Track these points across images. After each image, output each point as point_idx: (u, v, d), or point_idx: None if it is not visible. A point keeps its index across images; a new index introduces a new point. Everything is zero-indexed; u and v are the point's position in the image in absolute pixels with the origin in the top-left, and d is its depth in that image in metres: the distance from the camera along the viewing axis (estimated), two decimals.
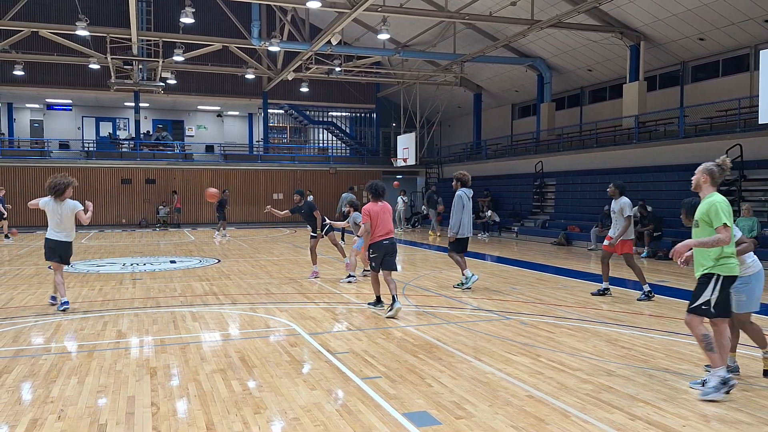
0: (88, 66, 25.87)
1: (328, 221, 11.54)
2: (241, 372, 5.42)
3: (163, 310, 8.36)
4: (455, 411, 4.43)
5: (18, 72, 25.40)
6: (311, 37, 23.61)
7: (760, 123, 14.04)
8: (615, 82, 23.37)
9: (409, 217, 28.96)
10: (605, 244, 9.49)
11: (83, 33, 20.53)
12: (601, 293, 9.35)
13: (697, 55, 20.34)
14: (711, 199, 4.77)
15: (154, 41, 24.35)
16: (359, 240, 10.16)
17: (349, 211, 11.67)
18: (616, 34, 20.12)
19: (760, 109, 13.83)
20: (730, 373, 4.72)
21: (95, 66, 25.32)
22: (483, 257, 15.53)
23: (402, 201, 26.42)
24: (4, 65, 26.77)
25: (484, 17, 20.31)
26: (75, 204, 8.13)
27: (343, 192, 21.80)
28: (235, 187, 29.53)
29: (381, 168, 32.38)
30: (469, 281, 10.00)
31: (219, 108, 34.37)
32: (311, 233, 11.54)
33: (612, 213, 9.38)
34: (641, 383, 5.00)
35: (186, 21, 19.74)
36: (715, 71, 20.09)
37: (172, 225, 27.88)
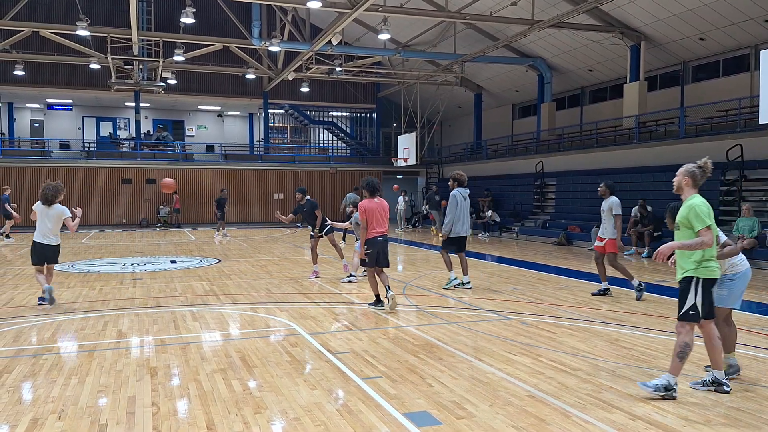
0: (88, 66, 25.87)
1: (329, 222, 11.52)
2: (242, 372, 5.42)
3: (164, 309, 8.36)
4: (456, 411, 4.43)
5: (18, 72, 25.41)
6: (312, 37, 23.63)
7: (760, 123, 14.05)
8: (615, 82, 23.39)
9: (410, 217, 28.96)
10: (596, 244, 9.52)
11: (84, 33, 20.54)
12: (602, 293, 9.35)
13: (698, 55, 20.35)
14: (691, 202, 4.76)
15: (154, 41, 24.35)
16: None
17: (352, 212, 11.65)
18: (616, 34, 20.14)
19: (760, 109, 13.83)
20: (675, 386, 4.67)
21: (96, 66, 25.33)
22: (483, 257, 15.56)
23: (402, 201, 26.42)
24: (4, 65, 26.78)
25: (484, 17, 20.32)
26: (63, 210, 8.43)
27: (348, 192, 21.75)
28: (236, 187, 29.56)
29: (381, 168, 32.39)
30: (450, 283, 10.13)
31: (219, 108, 34.37)
32: (311, 233, 11.52)
33: (602, 212, 9.40)
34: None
35: (186, 21, 19.75)
36: (716, 71, 20.10)
37: (172, 225, 27.88)
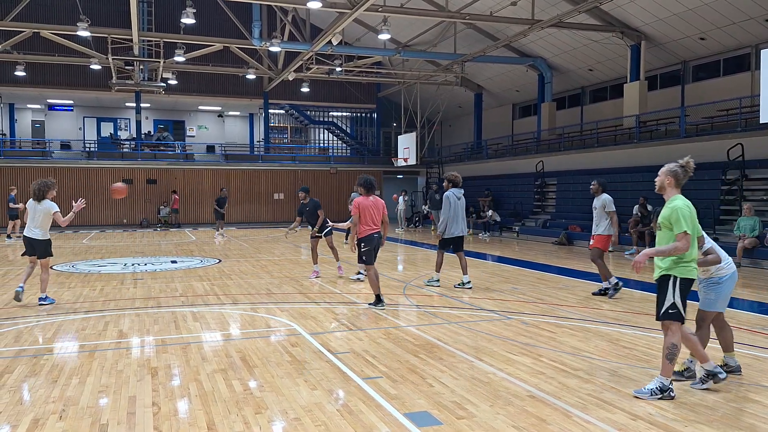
0: (89, 66, 25.89)
1: (330, 223, 11.51)
2: (242, 372, 5.42)
3: (165, 310, 8.36)
4: (456, 411, 4.43)
5: (19, 73, 25.43)
6: (312, 38, 23.64)
7: (761, 122, 14.04)
8: (616, 81, 23.38)
9: (410, 217, 28.96)
10: (592, 243, 9.52)
11: (84, 34, 20.56)
12: (602, 293, 9.35)
13: (698, 55, 20.33)
14: (673, 204, 4.73)
15: (155, 42, 24.36)
16: None
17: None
18: (616, 33, 20.13)
19: (761, 109, 13.83)
20: (671, 386, 4.67)
21: (96, 66, 25.34)
22: (484, 257, 15.56)
23: (402, 201, 26.42)
24: (5, 66, 26.79)
25: (484, 17, 20.32)
26: (51, 205, 8.57)
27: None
28: (236, 187, 29.57)
29: (382, 168, 32.39)
30: (431, 281, 10.38)
31: (220, 108, 34.39)
32: (312, 233, 11.52)
33: (594, 209, 9.42)
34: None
35: (187, 21, 19.76)
36: (716, 71, 20.08)
37: (172, 225, 27.89)
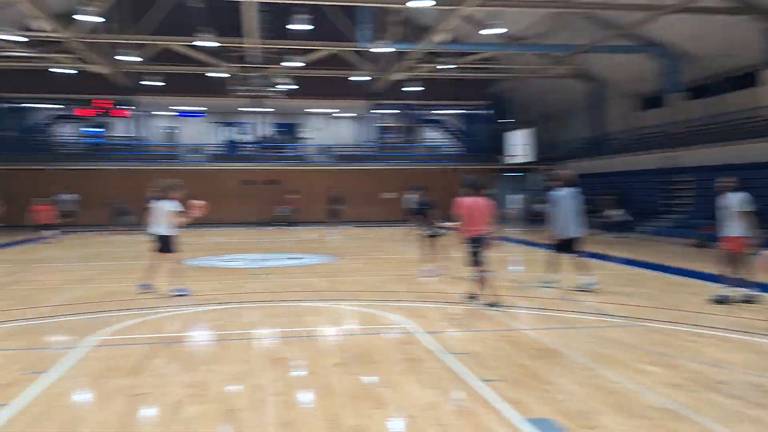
0: (214, 75, 27.70)
1: (444, 225, 11.29)
2: (360, 367, 5.52)
3: (286, 304, 8.72)
4: (581, 420, 4.22)
5: (154, 83, 27.73)
6: (420, 36, 23.66)
7: None
8: (754, 68, 21.25)
9: (525, 217, 28.13)
10: (726, 245, 8.63)
11: (209, 44, 22.03)
12: (747, 300, 8.49)
13: None
14: None
15: (271, 49, 25.58)
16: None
17: None
18: (753, 16, 18.27)
19: None
20: None
21: (220, 75, 27.07)
22: (608, 259, 14.60)
23: (516, 199, 25.76)
24: (143, 77, 29.28)
25: (602, 5, 19.31)
26: (170, 204, 9.22)
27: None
28: (348, 187, 30.30)
29: (494, 166, 31.78)
30: (547, 283, 9.92)
31: (331, 110, 35.46)
32: (425, 231, 11.51)
33: (725, 209, 8.51)
34: None
35: (299, 28, 20.54)
36: None
37: (289, 224, 29.15)
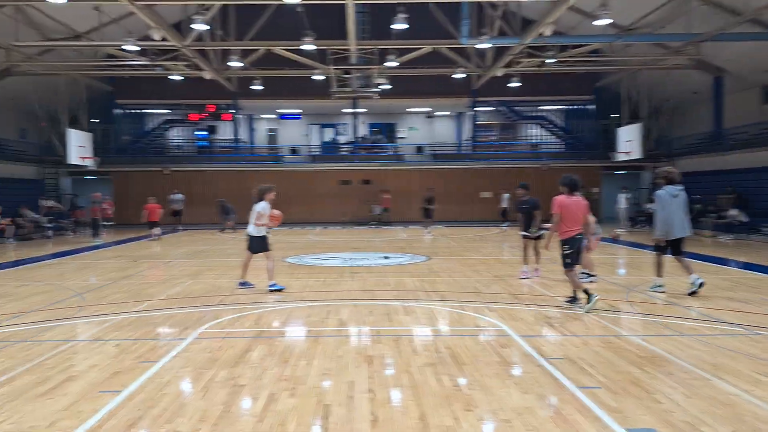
0: (313, 77, 28.53)
1: (546, 226, 10.88)
2: (452, 368, 5.45)
3: (378, 302, 8.81)
4: None
5: (256, 86, 29.01)
6: (522, 30, 23.03)
7: None
8: None
9: (633, 216, 26.64)
10: None
11: (309, 47, 22.69)
12: None
13: None
14: None
15: (369, 49, 25.95)
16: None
17: None
18: None
19: None
20: None
21: (319, 77, 27.84)
22: (726, 262, 13.47)
23: (625, 198, 24.43)
24: (244, 81, 30.70)
25: None
26: (259, 206, 9.71)
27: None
28: (444, 187, 30.14)
29: (600, 163, 30.36)
30: (654, 288, 9.41)
31: (429, 109, 35.43)
32: (523, 232, 11.12)
33: None
34: None
35: (399, 27, 20.64)
36: None
37: (384, 223, 29.48)
